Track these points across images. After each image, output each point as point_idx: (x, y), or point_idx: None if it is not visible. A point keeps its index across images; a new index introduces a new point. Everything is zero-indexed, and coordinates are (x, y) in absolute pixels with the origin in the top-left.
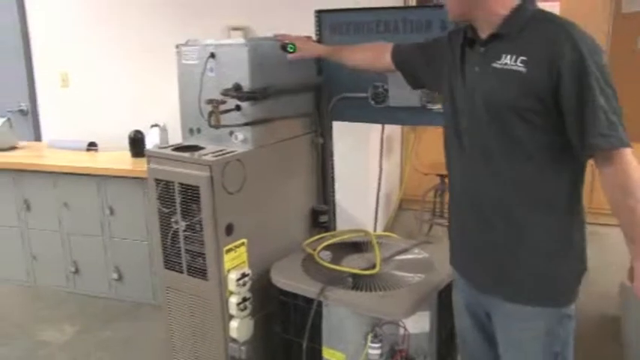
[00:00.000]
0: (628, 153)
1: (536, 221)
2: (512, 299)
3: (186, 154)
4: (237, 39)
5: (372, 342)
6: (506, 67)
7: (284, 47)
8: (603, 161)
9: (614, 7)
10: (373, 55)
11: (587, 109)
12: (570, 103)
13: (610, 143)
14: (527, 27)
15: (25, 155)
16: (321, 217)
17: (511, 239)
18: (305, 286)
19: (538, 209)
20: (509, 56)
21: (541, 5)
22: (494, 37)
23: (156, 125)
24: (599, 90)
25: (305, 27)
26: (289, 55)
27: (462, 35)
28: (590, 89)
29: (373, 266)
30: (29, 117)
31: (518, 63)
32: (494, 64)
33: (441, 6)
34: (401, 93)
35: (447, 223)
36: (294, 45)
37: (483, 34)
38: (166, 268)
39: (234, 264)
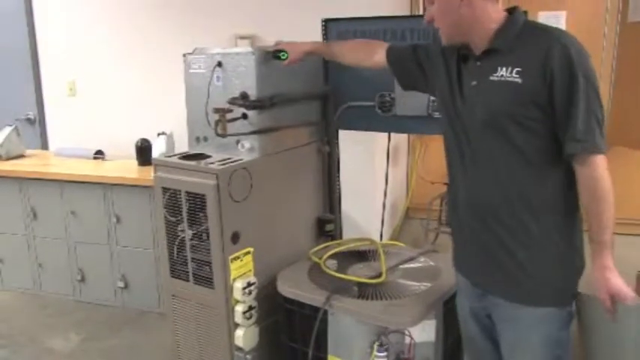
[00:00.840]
0: (600, 159)
1: (539, 224)
2: (521, 301)
3: (193, 163)
4: (244, 47)
5: (378, 351)
6: (502, 78)
7: (276, 56)
8: (578, 164)
9: (621, 16)
10: (365, 53)
11: (570, 113)
12: (559, 106)
13: (584, 149)
14: (519, 38)
15: (32, 164)
16: (327, 225)
17: (514, 243)
18: (311, 295)
19: (540, 213)
20: (504, 68)
21: (547, 15)
22: (488, 52)
23: (162, 133)
24: (584, 94)
25: (312, 36)
26: (283, 62)
27: (457, 50)
28: (575, 93)
29: (379, 275)
30: (36, 125)
31: (514, 74)
32: (491, 77)
33: None
34: (408, 102)
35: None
36: (285, 52)
37: (477, 51)
38: (172, 276)
39: (240, 272)
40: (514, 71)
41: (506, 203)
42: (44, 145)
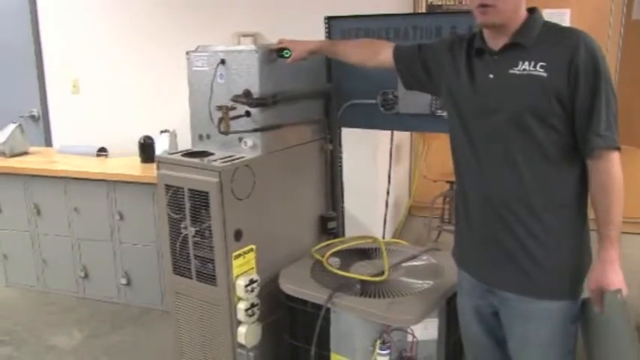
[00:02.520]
0: (616, 155)
1: (554, 220)
2: (534, 295)
3: (196, 160)
4: (247, 45)
5: (381, 349)
6: (525, 72)
7: (279, 54)
8: (594, 159)
9: (625, 14)
10: (369, 53)
11: (593, 110)
12: (582, 103)
13: (605, 143)
14: (542, 36)
15: (35, 160)
16: (330, 223)
17: (529, 238)
18: (313, 293)
19: (555, 208)
20: (527, 62)
21: (552, 12)
22: (508, 46)
23: (165, 131)
24: (604, 93)
25: (315, 33)
26: (286, 61)
27: (466, 45)
28: (599, 92)
29: (382, 273)
30: (40, 123)
31: (538, 68)
32: (512, 71)
33: (451, 12)
34: (410, 99)
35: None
36: (289, 50)
37: (496, 45)
38: (175, 273)
39: (243, 270)
40: (538, 65)
41: (522, 198)
42: (48, 142)
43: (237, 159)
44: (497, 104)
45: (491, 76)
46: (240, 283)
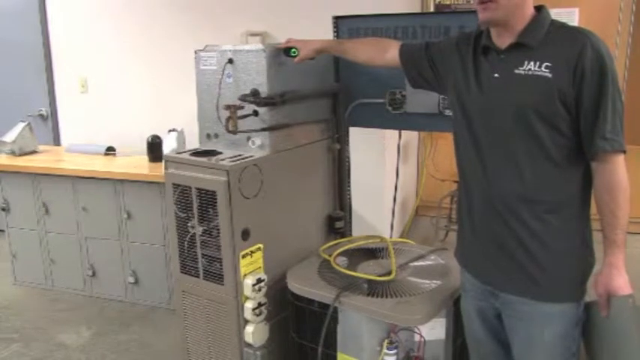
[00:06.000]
0: (621, 158)
1: (557, 222)
2: (537, 298)
3: (204, 159)
4: (255, 45)
5: (388, 348)
6: (530, 72)
7: (287, 53)
8: (600, 162)
9: (635, 12)
10: (376, 51)
11: (599, 112)
12: (587, 104)
13: (611, 147)
14: (549, 35)
15: (44, 159)
16: (337, 223)
17: (532, 240)
18: (320, 292)
19: (558, 210)
20: (532, 62)
21: (560, 11)
22: (514, 45)
23: (173, 130)
24: (611, 95)
25: (323, 33)
26: (294, 60)
27: (473, 43)
28: (606, 93)
29: (389, 272)
30: (49, 122)
31: (543, 68)
32: (517, 70)
33: (459, 12)
34: (418, 99)
35: None
36: (296, 49)
37: (502, 44)
38: (182, 272)
39: (250, 269)
40: (543, 66)
41: (525, 199)
42: (56, 141)
43: (245, 158)
44: (501, 104)
45: (496, 75)
46: (248, 282)
